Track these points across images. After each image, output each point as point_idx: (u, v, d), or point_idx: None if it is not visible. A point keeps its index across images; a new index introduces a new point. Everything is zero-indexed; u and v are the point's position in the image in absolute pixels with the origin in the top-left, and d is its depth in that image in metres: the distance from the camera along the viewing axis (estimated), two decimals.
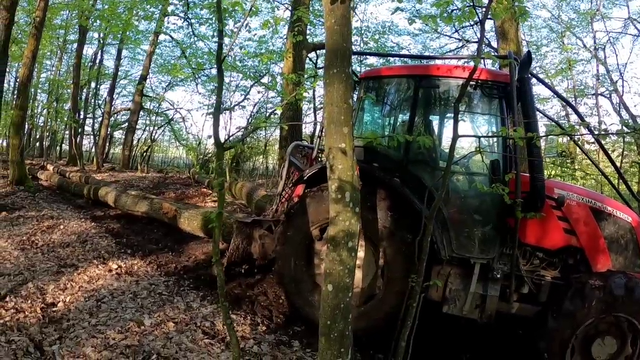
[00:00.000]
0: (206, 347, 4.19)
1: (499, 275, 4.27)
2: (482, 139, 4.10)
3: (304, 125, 15.54)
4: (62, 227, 8.72)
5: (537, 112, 4.54)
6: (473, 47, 16.27)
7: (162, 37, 21.85)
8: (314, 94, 15.72)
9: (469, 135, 4.45)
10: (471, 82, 4.08)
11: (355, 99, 5.13)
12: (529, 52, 4.47)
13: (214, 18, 12.21)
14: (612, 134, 3.45)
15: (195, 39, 16.56)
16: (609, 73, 21.60)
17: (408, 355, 3.37)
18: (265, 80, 18.53)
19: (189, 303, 5.24)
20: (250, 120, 21.51)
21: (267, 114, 20.65)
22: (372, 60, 16.51)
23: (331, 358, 2.62)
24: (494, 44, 11.05)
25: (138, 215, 9.33)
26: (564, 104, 17.77)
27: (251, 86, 19.26)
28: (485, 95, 4.47)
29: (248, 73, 16.88)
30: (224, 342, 4.29)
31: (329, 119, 2.50)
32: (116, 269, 6.37)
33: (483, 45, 4.13)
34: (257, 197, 9.32)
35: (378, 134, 4.75)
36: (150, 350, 3.95)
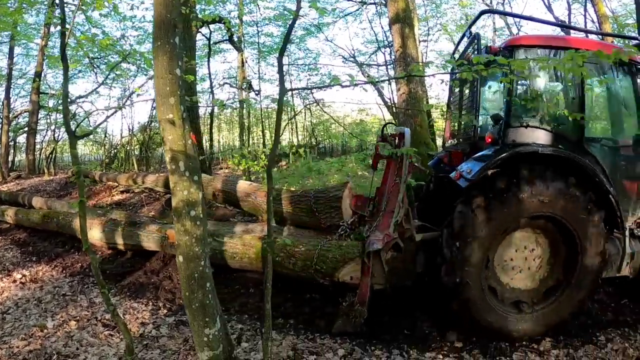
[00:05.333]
0: (106, 338, 4.17)
1: None
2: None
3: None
4: None
5: None
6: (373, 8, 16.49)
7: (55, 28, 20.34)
8: (209, 72, 15.10)
9: None
10: None
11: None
12: None
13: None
14: None
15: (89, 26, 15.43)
16: (509, 27, 22.58)
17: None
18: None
19: (92, 299, 5.17)
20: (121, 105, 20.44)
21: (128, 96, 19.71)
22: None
23: (199, 329, 2.66)
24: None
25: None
26: None
27: (109, 73, 17.68)
28: None
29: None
30: None
31: (157, 92, 2.47)
32: (20, 278, 6.18)
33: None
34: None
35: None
36: (52, 352, 3.92)
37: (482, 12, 5.57)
